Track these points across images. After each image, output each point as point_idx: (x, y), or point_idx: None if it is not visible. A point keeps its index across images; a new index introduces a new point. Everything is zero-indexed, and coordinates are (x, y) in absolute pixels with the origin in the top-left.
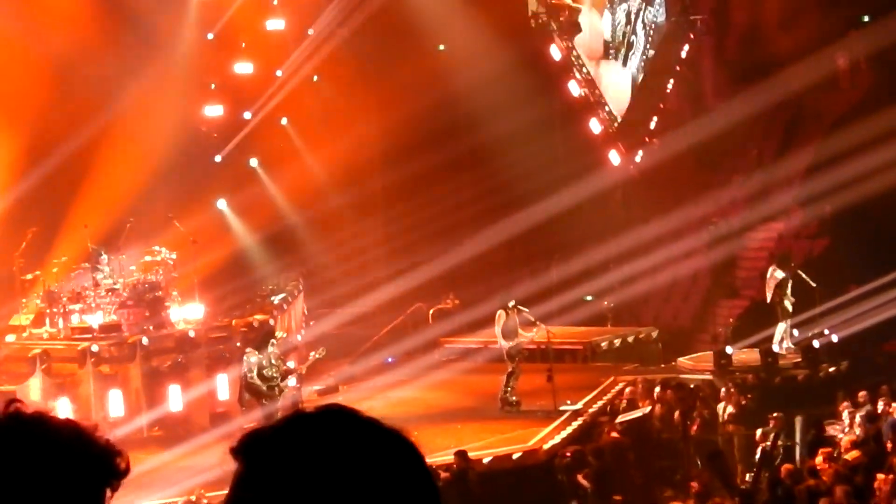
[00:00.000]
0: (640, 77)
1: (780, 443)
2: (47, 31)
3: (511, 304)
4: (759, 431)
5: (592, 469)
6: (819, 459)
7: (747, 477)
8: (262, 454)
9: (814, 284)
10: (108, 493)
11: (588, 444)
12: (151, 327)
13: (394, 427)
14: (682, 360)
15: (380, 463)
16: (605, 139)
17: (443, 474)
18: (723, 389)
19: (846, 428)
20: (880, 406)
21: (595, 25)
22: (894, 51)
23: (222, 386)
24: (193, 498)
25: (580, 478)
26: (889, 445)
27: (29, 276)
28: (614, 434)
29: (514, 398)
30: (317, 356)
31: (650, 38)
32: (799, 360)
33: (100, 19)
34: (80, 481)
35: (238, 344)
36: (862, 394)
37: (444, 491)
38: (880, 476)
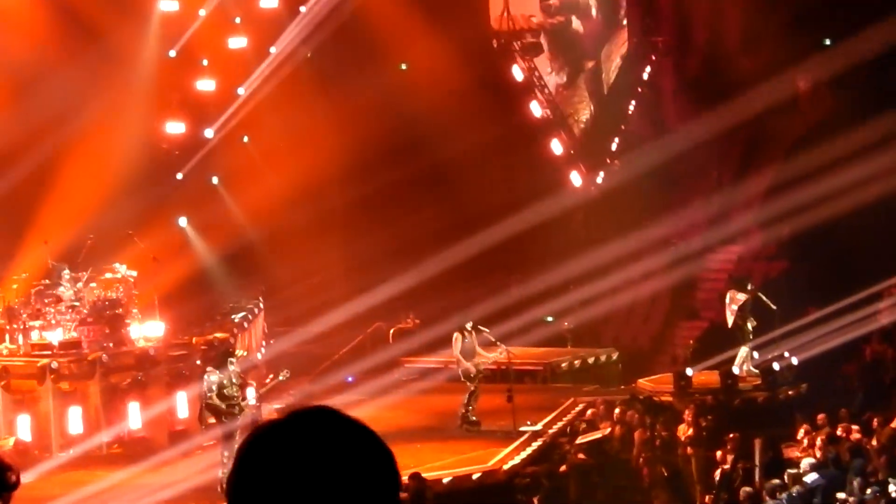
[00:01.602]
0: None
1: (738, 465)
2: (7, 45)
3: (468, 325)
4: (718, 453)
5: (545, 491)
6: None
7: (707, 499)
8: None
9: (773, 307)
10: None
11: (543, 466)
12: (111, 344)
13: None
14: (642, 382)
15: (365, 464)
16: (567, 160)
17: (401, 495)
18: (683, 411)
19: (802, 450)
20: (839, 430)
21: None
22: (855, 74)
23: (182, 404)
24: None
25: (534, 500)
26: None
27: None
28: (570, 455)
29: (473, 417)
30: (282, 378)
31: None
32: (758, 382)
33: (61, 34)
34: None
35: (198, 362)
36: (821, 416)
37: None
38: (840, 496)
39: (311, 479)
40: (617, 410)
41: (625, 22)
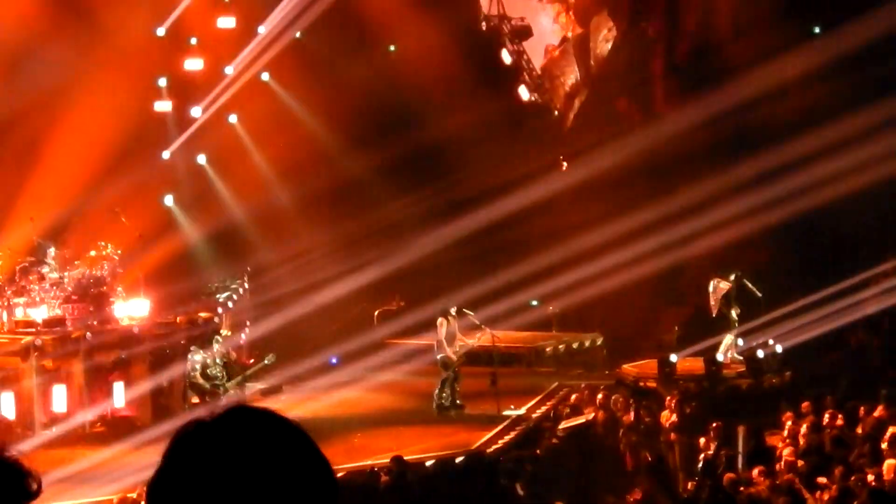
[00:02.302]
0: None
1: (722, 452)
2: None
3: (453, 310)
4: (701, 440)
5: (528, 475)
6: (755, 473)
7: (689, 485)
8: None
9: (759, 294)
10: None
11: (527, 450)
12: (96, 322)
13: (298, 425)
14: (627, 367)
15: (291, 469)
16: (554, 144)
17: (383, 477)
18: (667, 397)
19: (786, 438)
20: (826, 417)
21: None
22: (845, 63)
23: (165, 383)
24: (135, 495)
25: (517, 485)
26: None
27: None
28: (553, 440)
29: (458, 401)
30: (267, 362)
31: None
32: (743, 369)
33: (49, 11)
34: None
35: (182, 341)
36: (805, 404)
37: (385, 494)
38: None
39: (237, 484)
40: (600, 395)
41: None
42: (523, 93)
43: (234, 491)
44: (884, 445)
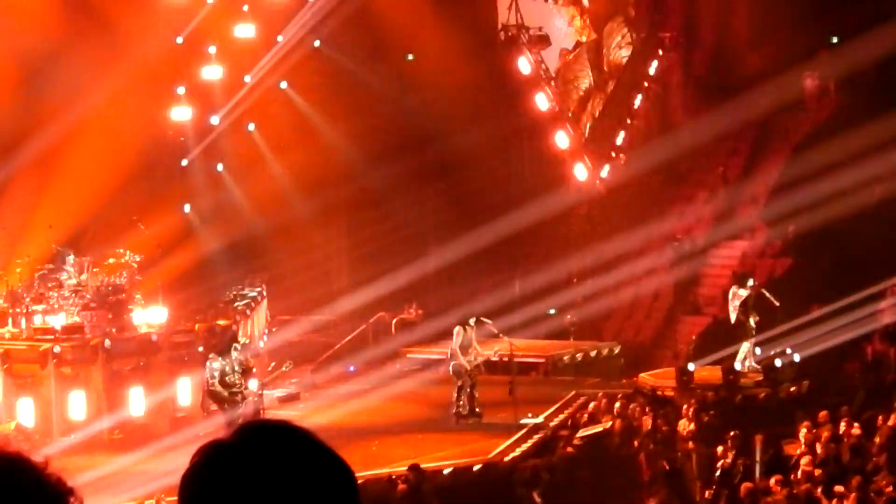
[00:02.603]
0: None
1: (739, 461)
2: (15, 29)
3: (471, 320)
4: (718, 449)
5: (545, 484)
6: (772, 482)
7: (706, 495)
8: (212, 466)
9: (777, 303)
10: None
11: (544, 459)
12: (114, 330)
13: (328, 447)
14: (644, 376)
15: (316, 483)
16: (572, 154)
17: (400, 486)
18: (684, 406)
19: (802, 447)
20: (842, 427)
21: None
22: (862, 73)
23: (184, 390)
24: (153, 502)
25: (534, 494)
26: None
27: None
28: (570, 449)
29: (476, 409)
30: (284, 369)
31: None
32: (760, 378)
33: (69, 20)
34: None
35: (200, 349)
36: (823, 414)
37: (401, 502)
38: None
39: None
40: (618, 404)
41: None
42: (541, 102)
43: None
44: None
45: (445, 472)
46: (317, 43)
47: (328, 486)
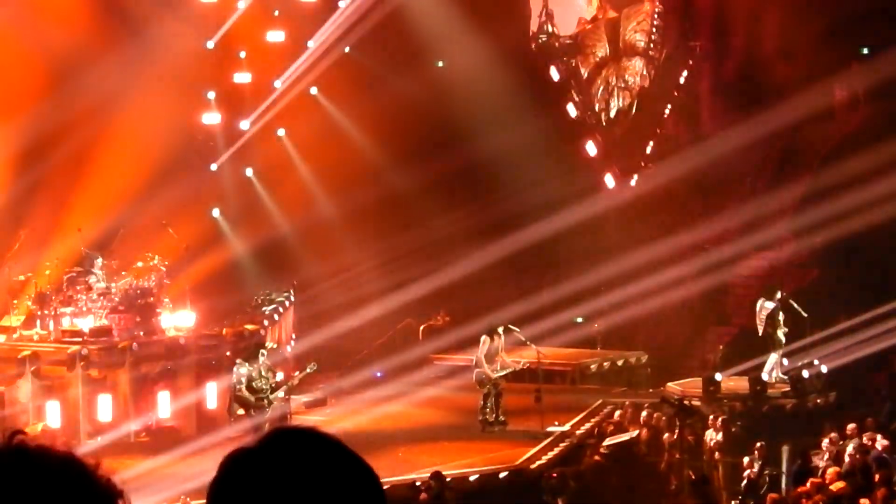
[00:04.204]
0: None
1: (765, 472)
2: (46, 32)
3: (500, 328)
4: (745, 459)
5: (572, 492)
6: (808, 485)
7: None
8: (237, 472)
9: (804, 314)
10: None
11: (571, 467)
12: (142, 333)
13: (356, 453)
14: (671, 386)
15: (342, 489)
16: (601, 162)
17: (422, 496)
18: (710, 416)
19: (825, 457)
20: (867, 438)
21: None
22: (892, 85)
23: (211, 394)
24: None
25: (560, 501)
26: (876, 478)
27: (21, 278)
28: (596, 457)
29: (491, 419)
30: (309, 370)
31: None
32: (787, 389)
33: (99, 22)
34: None
35: (228, 353)
36: (851, 426)
37: None
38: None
39: None
40: (644, 413)
41: None
42: (571, 110)
43: None
44: None
45: (472, 478)
46: (347, 49)
47: (354, 492)
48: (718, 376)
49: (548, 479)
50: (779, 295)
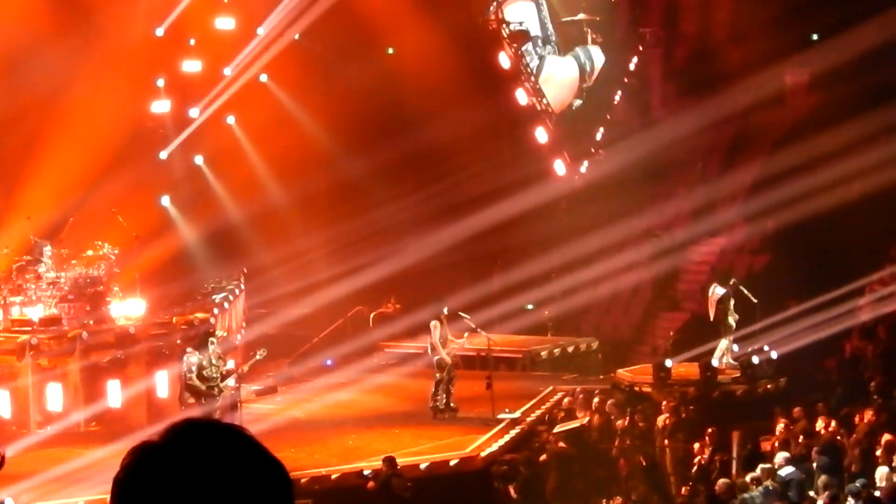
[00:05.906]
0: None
1: (716, 457)
2: None
3: (444, 311)
4: (696, 445)
5: (522, 479)
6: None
7: (683, 490)
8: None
9: (755, 300)
10: None
11: (521, 454)
12: (92, 322)
13: (263, 446)
14: (622, 372)
15: (247, 482)
16: (551, 148)
17: (369, 484)
18: (662, 402)
19: (777, 443)
20: (819, 423)
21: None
22: (842, 70)
23: (161, 383)
24: None
25: (511, 488)
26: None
27: None
28: (548, 444)
29: (452, 404)
30: (258, 357)
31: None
32: (737, 375)
33: (48, 11)
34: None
35: (178, 341)
36: (797, 410)
37: (373, 498)
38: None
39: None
40: (596, 400)
41: None
42: (521, 97)
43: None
44: (878, 452)
45: (422, 466)
46: (296, 36)
47: (259, 485)
48: (669, 362)
49: (498, 467)
50: (731, 280)
